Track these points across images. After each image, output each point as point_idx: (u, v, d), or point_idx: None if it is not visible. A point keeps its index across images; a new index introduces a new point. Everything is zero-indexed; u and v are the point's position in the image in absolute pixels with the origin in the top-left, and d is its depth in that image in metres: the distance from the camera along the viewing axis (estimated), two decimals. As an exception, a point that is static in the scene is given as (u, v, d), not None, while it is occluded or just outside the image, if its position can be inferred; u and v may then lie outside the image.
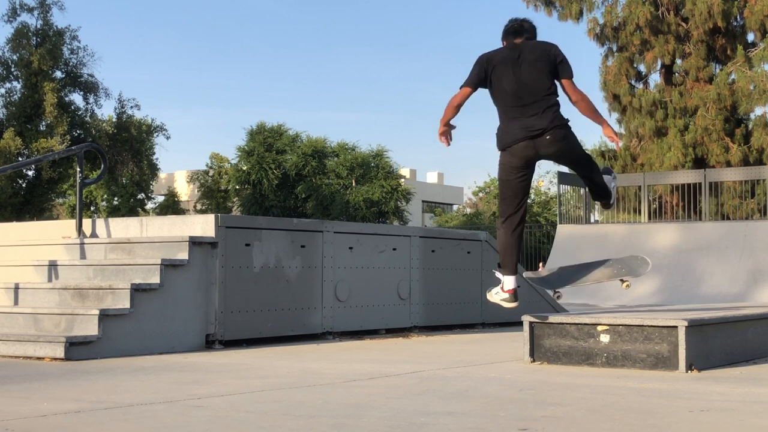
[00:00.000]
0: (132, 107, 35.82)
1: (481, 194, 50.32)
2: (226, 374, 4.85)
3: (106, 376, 4.74)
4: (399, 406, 3.68)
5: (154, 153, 38.24)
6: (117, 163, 34.73)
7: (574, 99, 5.32)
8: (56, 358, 5.50)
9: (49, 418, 3.36)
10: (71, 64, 34.24)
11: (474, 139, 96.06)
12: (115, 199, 44.66)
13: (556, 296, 6.10)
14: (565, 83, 5.30)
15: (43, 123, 32.81)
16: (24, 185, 33.09)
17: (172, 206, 46.12)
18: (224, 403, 3.76)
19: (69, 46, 34.17)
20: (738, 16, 23.09)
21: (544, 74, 5.24)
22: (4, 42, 33.82)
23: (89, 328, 5.73)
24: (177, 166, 77.67)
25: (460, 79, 5.45)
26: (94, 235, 7.57)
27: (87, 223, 7.66)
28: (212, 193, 43.89)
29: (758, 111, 23.03)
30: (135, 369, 5.09)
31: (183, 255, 6.31)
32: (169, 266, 6.18)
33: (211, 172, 44.91)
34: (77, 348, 5.57)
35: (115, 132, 34.40)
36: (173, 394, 4.03)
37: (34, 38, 33.37)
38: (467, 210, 53.47)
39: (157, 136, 37.52)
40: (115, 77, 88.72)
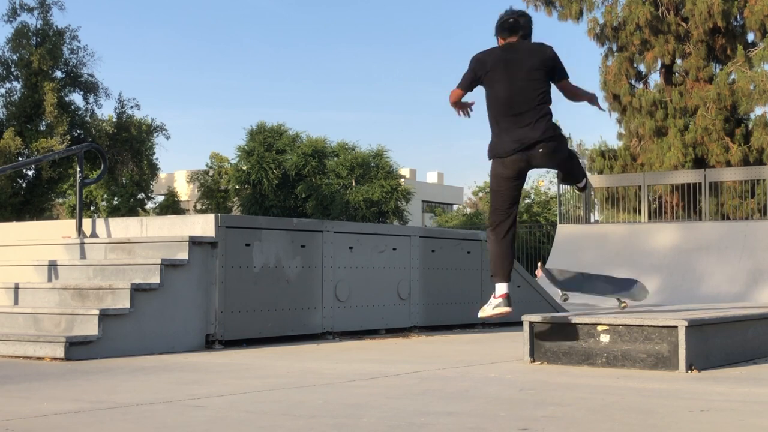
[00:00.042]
0: (132, 107, 35.84)
1: (481, 194, 50.31)
2: (226, 374, 4.85)
3: (106, 376, 4.74)
4: (399, 406, 3.68)
5: (154, 153, 38.26)
6: (117, 163, 34.73)
7: (570, 96, 5.31)
8: (56, 358, 5.50)
9: (49, 418, 3.36)
10: (71, 64, 34.24)
11: (474, 139, 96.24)
12: (115, 199, 44.67)
13: (563, 298, 6.11)
14: (564, 84, 5.28)
15: (43, 123, 32.81)
16: (24, 185, 33.09)
17: (172, 206, 46.14)
18: (224, 403, 3.76)
19: (69, 46, 34.17)
20: (738, 16, 23.08)
21: (539, 81, 5.15)
22: (4, 42, 33.84)
23: (89, 328, 5.73)
24: (177, 166, 77.70)
25: (460, 79, 5.40)
26: (94, 235, 7.58)
27: (87, 223, 7.67)
28: (212, 193, 43.89)
29: (758, 111, 23.03)
30: (135, 369, 5.09)
31: (183, 255, 6.31)
32: (169, 266, 6.18)
33: (211, 172, 44.92)
34: (77, 348, 5.57)
35: (115, 132, 34.40)
36: (173, 394, 4.04)
37: (34, 38, 33.37)
38: (467, 210, 53.49)
39: (157, 136, 37.55)
40: (115, 77, 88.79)
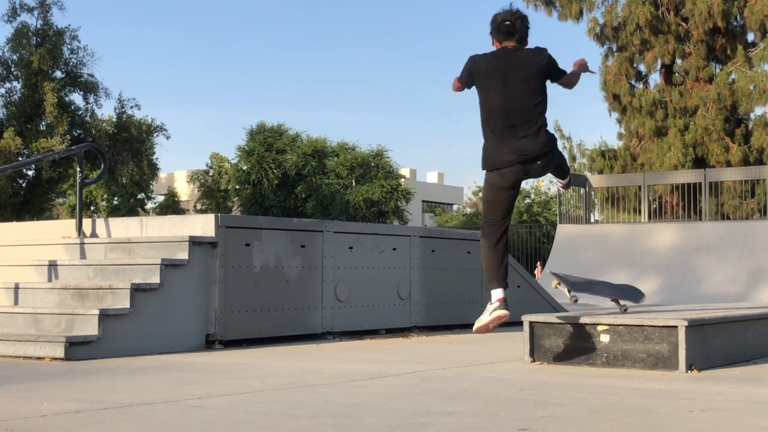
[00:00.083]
0: (132, 107, 35.90)
1: (481, 194, 50.32)
2: (226, 374, 4.85)
3: (106, 376, 4.74)
4: (399, 406, 3.68)
5: (154, 153, 38.30)
6: (117, 163, 34.76)
7: (569, 87, 5.21)
8: (56, 358, 5.50)
9: (49, 418, 3.36)
10: (71, 64, 34.27)
11: (474, 139, 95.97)
12: (115, 199, 44.70)
13: (572, 298, 6.08)
14: (563, 81, 5.17)
15: (43, 123, 32.84)
16: (24, 185, 33.11)
17: (172, 206, 46.16)
18: (224, 403, 3.76)
19: (69, 46, 34.21)
20: (738, 16, 23.08)
21: (535, 91, 4.99)
22: (4, 42, 33.89)
23: (89, 328, 5.73)
24: (177, 166, 77.77)
25: (460, 71, 5.25)
26: (94, 235, 7.58)
27: (87, 223, 7.67)
28: (212, 193, 43.93)
29: (758, 111, 23.04)
30: (135, 369, 5.09)
31: (183, 255, 6.31)
32: (169, 266, 6.18)
33: (211, 172, 44.95)
34: (77, 348, 5.57)
35: (115, 132, 34.43)
36: (173, 394, 4.04)
37: (34, 38, 33.39)
38: (467, 210, 53.50)
39: (157, 136, 37.60)
40: (115, 77, 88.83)
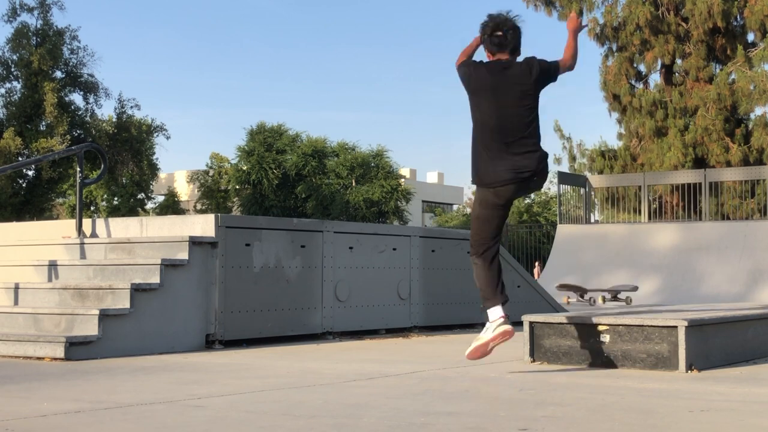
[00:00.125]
0: (132, 107, 35.91)
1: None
2: (226, 374, 4.85)
3: (106, 376, 4.74)
4: (399, 406, 3.68)
5: (154, 153, 38.32)
6: (117, 163, 34.76)
7: (572, 64, 5.03)
8: (56, 358, 5.50)
9: (49, 418, 3.36)
10: (71, 64, 34.28)
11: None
12: (115, 199, 44.72)
13: (589, 300, 5.94)
14: (563, 68, 4.98)
15: (43, 123, 32.84)
16: (24, 185, 33.12)
17: (172, 206, 46.18)
18: (224, 403, 3.76)
19: (69, 46, 34.22)
20: (738, 16, 23.08)
21: (529, 107, 4.84)
22: (4, 42, 33.91)
23: (89, 328, 5.73)
24: (177, 166, 77.79)
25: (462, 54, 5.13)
26: (94, 235, 7.58)
27: (87, 223, 7.67)
28: (212, 193, 43.93)
29: (758, 111, 23.04)
30: (135, 369, 5.09)
31: (183, 255, 6.31)
32: (169, 266, 6.18)
33: (211, 172, 44.96)
34: (77, 348, 5.57)
35: (115, 132, 34.43)
36: (173, 394, 4.03)
37: (34, 38, 33.40)
38: (467, 210, 53.48)
39: (157, 136, 37.61)
40: (115, 77, 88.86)
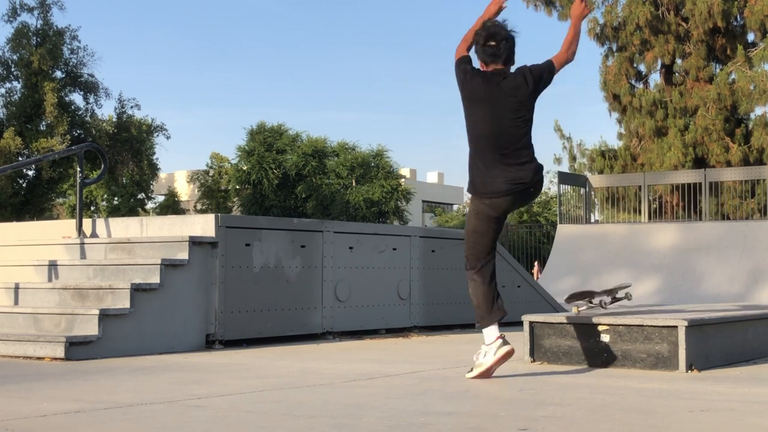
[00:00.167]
0: (132, 107, 35.90)
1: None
2: (226, 374, 4.85)
3: (106, 376, 4.74)
4: (399, 406, 3.68)
5: (154, 153, 38.31)
6: (117, 163, 34.76)
7: (573, 54, 4.84)
8: (56, 358, 5.50)
9: (49, 418, 3.36)
10: (71, 64, 34.27)
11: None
12: (115, 199, 44.72)
13: (604, 303, 5.77)
14: (559, 65, 4.82)
15: (43, 123, 32.84)
16: (24, 185, 33.11)
17: (172, 206, 46.18)
18: (224, 403, 3.76)
19: (69, 46, 34.21)
20: (738, 16, 23.07)
21: (524, 119, 4.74)
22: (4, 42, 33.90)
23: (89, 328, 5.73)
24: (177, 166, 77.80)
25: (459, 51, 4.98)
26: (94, 235, 7.58)
27: (87, 223, 7.67)
28: (212, 193, 43.94)
29: (758, 111, 23.02)
30: (135, 369, 5.09)
31: (183, 255, 6.31)
32: (169, 266, 6.18)
33: (211, 172, 44.97)
34: (77, 348, 5.57)
35: (115, 132, 34.43)
36: (173, 394, 4.03)
37: (34, 38, 33.39)
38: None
39: (157, 136, 37.60)
40: (115, 77, 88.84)
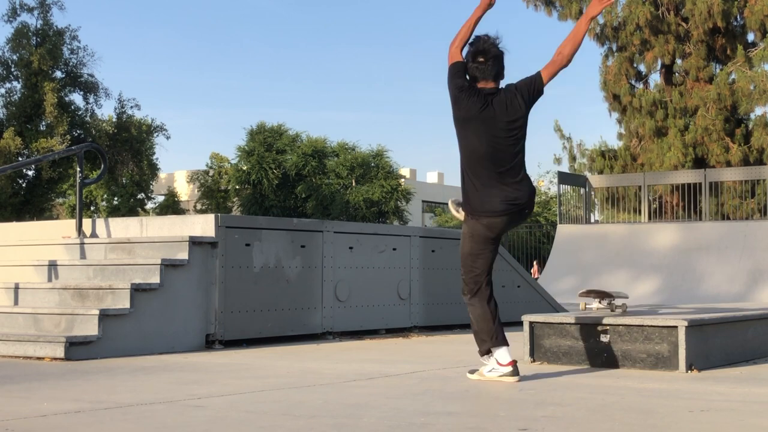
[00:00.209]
0: (132, 107, 35.88)
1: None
2: (226, 374, 4.85)
3: (106, 376, 4.74)
4: (399, 406, 3.68)
5: (154, 153, 38.29)
6: (117, 163, 34.75)
7: (574, 51, 4.60)
8: (56, 358, 5.50)
9: (49, 418, 3.36)
10: (71, 64, 34.25)
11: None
12: (115, 199, 44.71)
13: (613, 307, 5.76)
14: (560, 66, 4.63)
15: (43, 123, 32.83)
16: (24, 185, 33.10)
17: (172, 206, 46.16)
18: (224, 403, 3.76)
19: (69, 46, 34.19)
20: (738, 16, 23.07)
21: (516, 138, 4.64)
22: (4, 42, 33.86)
23: (89, 328, 5.73)
24: (177, 166, 77.79)
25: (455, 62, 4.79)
26: (94, 235, 7.58)
27: (87, 223, 7.67)
28: (212, 193, 43.91)
29: (758, 111, 23.02)
30: (135, 369, 5.09)
31: (183, 255, 6.31)
32: (169, 266, 6.18)
33: (211, 172, 44.94)
34: (77, 348, 5.57)
35: (115, 132, 34.41)
36: (173, 394, 4.04)
37: (34, 38, 33.38)
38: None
39: (157, 136, 37.58)
40: (115, 77, 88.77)
